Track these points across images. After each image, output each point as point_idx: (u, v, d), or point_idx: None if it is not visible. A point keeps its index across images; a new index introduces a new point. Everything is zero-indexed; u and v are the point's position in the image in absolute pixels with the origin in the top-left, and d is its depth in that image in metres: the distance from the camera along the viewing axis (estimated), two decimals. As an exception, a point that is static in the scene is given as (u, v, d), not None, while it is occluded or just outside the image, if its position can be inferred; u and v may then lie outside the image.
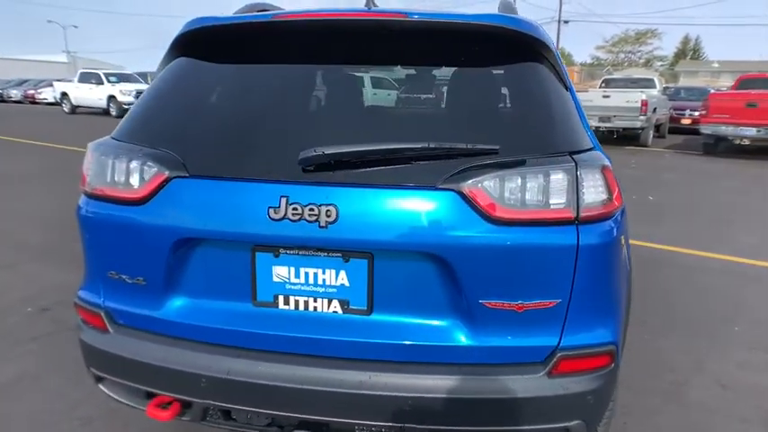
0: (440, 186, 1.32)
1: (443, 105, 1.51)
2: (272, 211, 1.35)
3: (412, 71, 1.58)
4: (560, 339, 1.39)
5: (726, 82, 38.38)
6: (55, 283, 3.96)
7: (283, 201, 1.34)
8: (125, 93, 19.52)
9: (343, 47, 1.56)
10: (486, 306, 1.35)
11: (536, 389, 1.36)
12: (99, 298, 1.60)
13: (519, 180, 1.32)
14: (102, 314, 1.59)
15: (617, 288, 1.47)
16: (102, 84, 20.29)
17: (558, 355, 1.38)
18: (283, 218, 1.34)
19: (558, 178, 1.32)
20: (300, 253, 1.41)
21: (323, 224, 1.32)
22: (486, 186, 1.31)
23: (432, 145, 1.30)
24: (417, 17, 1.46)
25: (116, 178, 1.50)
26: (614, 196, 1.39)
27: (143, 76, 22.83)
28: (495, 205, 1.31)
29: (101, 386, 1.67)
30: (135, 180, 1.47)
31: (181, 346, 1.49)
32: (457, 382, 1.36)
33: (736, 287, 4.02)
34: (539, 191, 1.32)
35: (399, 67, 1.61)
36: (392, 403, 1.36)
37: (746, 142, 10.43)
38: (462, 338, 1.38)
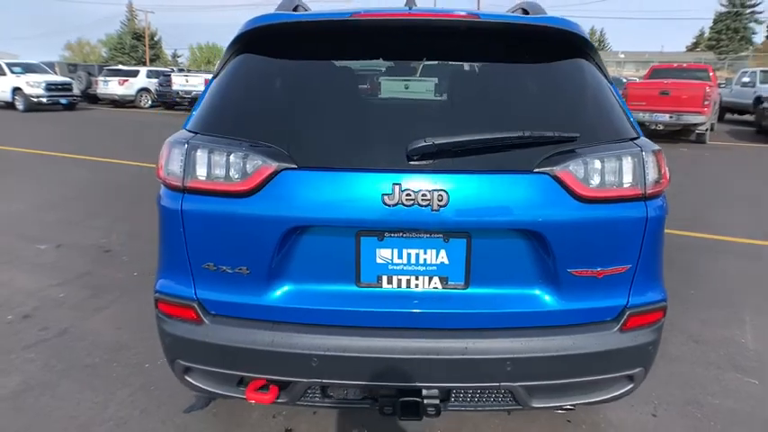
0: (535, 170, 1.49)
1: (512, 98, 1.67)
2: (386, 197, 1.46)
3: (480, 67, 1.73)
4: (628, 299, 1.62)
5: (629, 72, 41.59)
6: (25, 288, 3.74)
7: (396, 188, 1.46)
8: (33, 84, 17.94)
9: (417, 44, 1.68)
10: (572, 274, 1.55)
11: (612, 342, 1.58)
12: (190, 290, 1.63)
13: (599, 163, 1.52)
14: (195, 306, 1.61)
15: (662, 253, 1.72)
16: (5, 75, 18.51)
17: (628, 312, 1.61)
18: (397, 203, 1.46)
19: (629, 161, 1.54)
20: (404, 235, 1.53)
21: (435, 208, 1.46)
22: (573, 169, 1.50)
23: (526, 133, 1.47)
24: (489, 18, 1.62)
25: (217, 172, 1.53)
26: (665, 175, 1.63)
27: (50, 66, 21.08)
28: (580, 185, 1.50)
29: (187, 377, 1.69)
30: (238, 173, 1.51)
31: (287, 329, 1.56)
32: (546, 342, 1.55)
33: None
34: (614, 172, 1.53)
35: (468, 63, 1.75)
36: (491, 365, 1.53)
37: (660, 127, 11.53)
38: (550, 304, 1.58)
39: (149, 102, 21.97)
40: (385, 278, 1.57)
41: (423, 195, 1.46)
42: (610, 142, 1.59)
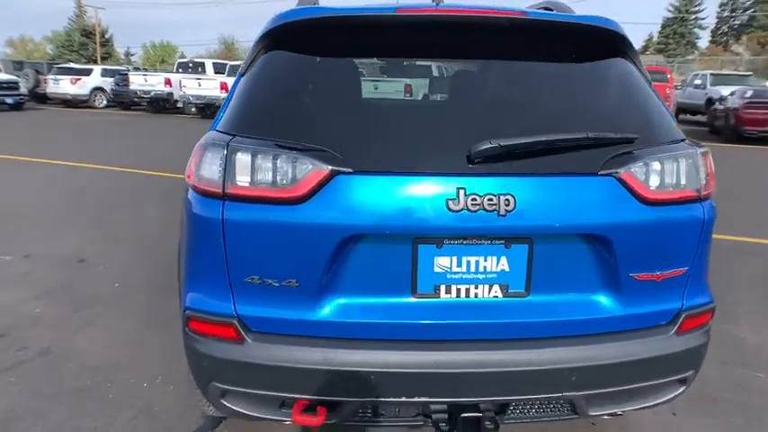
0: (600, 172, 1.44)
1: (564, 98, 1.62)
2: (450, 202, 1.37)
3: (528, 66, 1.67)
4: (683, 302, 1.59)
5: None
6: (-10, 306, 3.44)
7: (461, 192, 1.38)
8: None
9: (465, 42, 1.61)
10: (633, 278, 1.50)
11: (669, 346, 1.55)
12: (228, 306, 1.49)
13: (659, 165, 1.48)
14: (236, 323, 1.48)
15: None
16: None
17: (683, 315, 1.58)
18: (462, 209, 1.37)
19: (687, 162, 1.52)
20: (465, 242, 1.45)
21: (502, 213, 1.38)
22: (636, 171, 1.46)
23: (590, 134, 1.42)
24: (538, 16, 1.57)
25: (262, 177, 1.40)
26: (713, 176, 1.61)
27: None
28: (644, 187, 1.46)
29: (223, 401, 1.55)
30: (287, 178, 1.39)
31: (340, 346, 1.45)
32: (609, 349, 1.50)
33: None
34: (674, 174, 1.50)
35: (516, 62, 1.68)
36: (557, 376, 1.47)
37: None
38: (611, 309, 1.53)
39: (104, 101, 21.05)
40: (443, 287, 1.48)
41: (489, 200, 1.38)
42: (664, 144, 1.55)
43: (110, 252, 4.49)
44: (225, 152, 1.43)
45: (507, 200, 1.38)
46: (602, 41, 1.66)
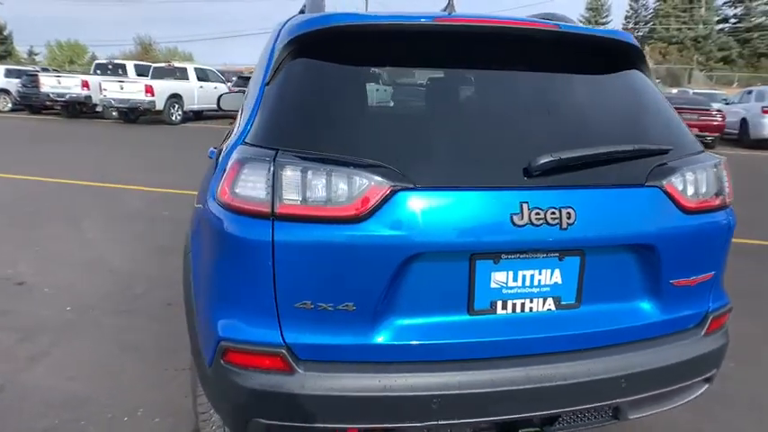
0: (646, 183, 1.48)
1: (597, 110, 1.64)
2: (515, 217, 1.35)
3: (560, 78, 1.68)
4: (709, 304, 1.67)
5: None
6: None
7: (524, 206, 1.36)
8: None
9: (502, 53, 1.60)
10: (672, 284, 1.55)
11: (701, 347, 1.62)
12: (275, 334, 1.37)
13: (693, 175, 1.55)
14: (284, 352, 1.36)
15: None
16: None
17: (710, 317, 1.66)
18: (526, 223, 1.35)
19: (715, 172, 1.59)
20: (521, 257, 1.42)
21: (563, 226, 1.37)
22: (675, 181, 1.51)
23: (636, 147, 1.45)
24: (569, 29, 1.59)
25: (315, 195, 1.30)
26: (730, 184, 1.71)
27: None
28: (683, 197, 1.52)
29: None
30: (343, 195, 1.30)
31: (399, 370, 1.38)
32: (653, 354, 1.55)
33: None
34: (705, 183, 1.57)
35: (548, 74, 1.68)
36: (610, 384, 1.48)
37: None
38: (652, 315, 1.57)
39: (9, 105, 19.22)
40: (499, 303, 1.45)
41: (552, 213, 1.37)
42: (690, 154, 1.62)
43: (51, 272, 4.07)
44: (272, 168, 1.32)
45: (569, 213, 1.38)
46: (625, 55, 1.71)
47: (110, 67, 19.01)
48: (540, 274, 1.45)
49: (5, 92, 19.13)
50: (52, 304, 3.51)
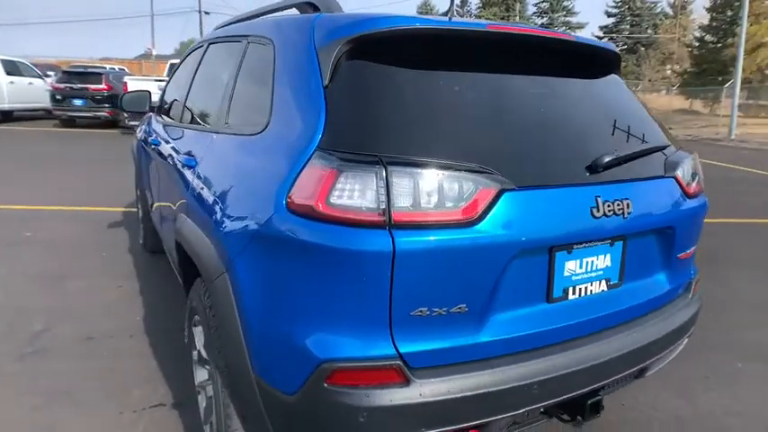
0: (666, 174, 1.74)
1: (607, 112, 1.83)
2: (593, 210, 1.49)
3: (575, 84, 1.86)
4: (692, 272, 2.02)
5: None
6: None
7: (598, 200, 1.51)
8: None
9: (536, 61, 1.74)
10: (678, 257, 1.86)
11: (691, 308, 1.96)
12: (387, 346, 1.32)
13: (687, 166, 1.86)
14: (399, 363, 1.32)
15: None
16: None
17: (693, 282, 2.01)
18: (602, 215, 1.51)
19: (694, 163, 1.93)
20: (587, 245, 1.58)
21: (625, 216, 1.56)
22: (679, 172, 1.81)
23: (657, 144, 1.71)
24: (581, 41, 1.80)
25: (429, 200, 1.29)
26: None
27: None
28: (685, 184, 1.83)
29: None
30: (453, 200, 1.31)
31: (502, 363, 1.43)
32: (672, 317, 1.85)
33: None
34: (692, 173, 1.89)
35: (567, 81, 1.86)
36: (648, 349, 1.73)
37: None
38: (665, 286, 1.87)
39: None
40: (570, 289, 1.58)
41: (617, 205, 1.55)
42: (679, 149, 1.94)
43: None
44: (384, 174, 1.27)
45: (628, 203, 1.58)
46: (617, 64, 1.98)
47: None
48: (597, 259, 1.63)
49: None
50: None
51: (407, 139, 1.38)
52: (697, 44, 34.59)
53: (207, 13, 39.85)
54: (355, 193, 1.27)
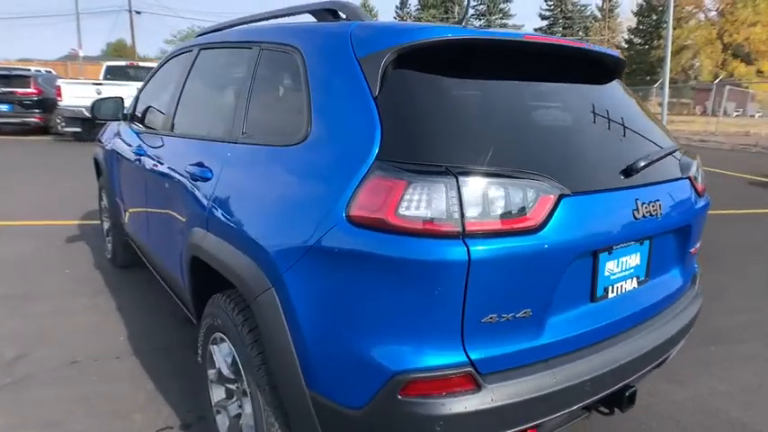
0: (683, 176, 1.85)
1: (622, 117, 1.92)
2: (634, 212, 1.57)
3: (595, 90, 1.93)
4: (695, 266, 2.16)
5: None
6: None
7: (638, 202, 1.59)
8: None
9: (563, 70, 1.81)
10: (691, 253, 1.97)
11: (700, 299, 2.08)
12: (459, 354, 1.33)
13: (697, 167, 1.99)
14: (470, 370, 1.33)
15: None
16: None
17: (697, 275, 2.15)
18: (642, 216, 1.59)
19: (699, 164, 2.05)
20: (623, 246, 1.65)
21: (658, 216, 1.65)
22: (691, 173, 1.93)
23: (676, 148, 1.82)
24: (590, 48, 1.89)
25: (498, 209, 1.31)
26: None
27: None
28: (696, 184, 1.96)
29: None
30: (517, 207, 1.33)
31: (560, 363, 1.47)
32: (690, 308, 1.96)
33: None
34: (699, 173, 2.02)
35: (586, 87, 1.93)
36: (674, 339, 1.83)
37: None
38: (680, 279, 1.98)
39: None
40: (610, 288, 1.64)
41: (652, 206, 1.64)
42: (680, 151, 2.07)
43: None
44: (456, 184, 1.28)
45: (660, 204, 1.67)
46: (622, 70, 2.08)
47: None
48: (630, 258, 1.71)
49: None
50: None
51: (467, 148, 1.40)
52: (626, 46, 36.73)
53: (138, 12, 38.09)
54: (426, 204, 1.27)
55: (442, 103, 1.46)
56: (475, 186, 1.30)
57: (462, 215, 1.27)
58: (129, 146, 3.25)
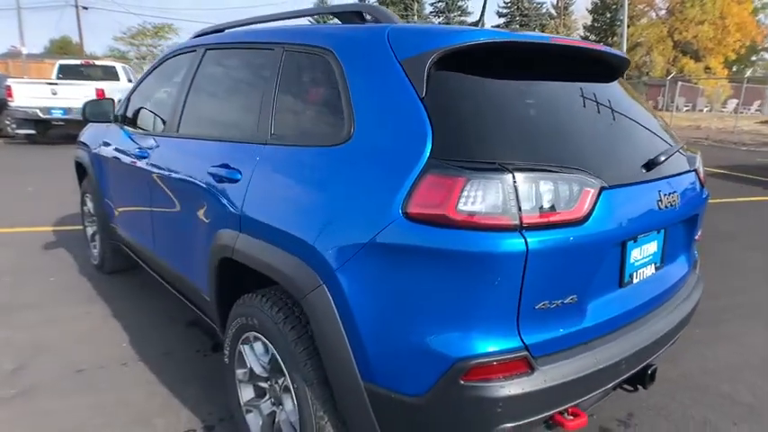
0: (691, 169, 2.00)
1: (631, 114, 2.01)
2: (659, 203, 1.69)
3: (605, 89, 2.03)
4: (695, 252, 2.32)
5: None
6: None
7: (661, 193, 1.73)
8: None
9: (582, 70, 1.91)
10: (695, 239, 2.13)
11: (702, 283, 2.24)
12: (515, 340, 1.41)
13: (699, 161, 2.14)
14: (526, 354, 1.42)
15: None
16: None
17: (697, 261, 2.31)
18: (666, 206, 1.72)
19: (699, 158, 2.21)
20: (646, 235, 1.77)
21: (676, 206, 1.78)
22: (697, 166, 2.08)
23: (680, 142, 1.97)
24: (605, 50, 2.01)
25: (548, 202, 1.39)
26: None
27: None
28: (701, 176, 2.10)
29: None
30: (564, 200, 1.42)
31: (599, 344, 1.59)
32: (694, 291, 2.10)
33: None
34: (701, 166, 2.17)
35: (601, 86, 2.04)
36: (686, 318, 1.98)
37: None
38: (687, 264, 2.13)
39: None
40: (634, 275, 1.76)
41: (672, 197, 1.77)
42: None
43: None
44: (512, 180, 1.35)
45: (677, 195, 1.80)
46: (625, 70, 2.21)
47: None
48: (650, 246, 1.83)
49: None
50: None
51: (512, 145, 1.49)
52: (581, 43, 37.88)
53: (85, 8, 36.46)
54: (485, 200, 1.34)
55: (484, 102, 1.54)
56: (528, 181, 1.38)
57: (519, 209, 1.35)
58: (125, 148, 3.18)
